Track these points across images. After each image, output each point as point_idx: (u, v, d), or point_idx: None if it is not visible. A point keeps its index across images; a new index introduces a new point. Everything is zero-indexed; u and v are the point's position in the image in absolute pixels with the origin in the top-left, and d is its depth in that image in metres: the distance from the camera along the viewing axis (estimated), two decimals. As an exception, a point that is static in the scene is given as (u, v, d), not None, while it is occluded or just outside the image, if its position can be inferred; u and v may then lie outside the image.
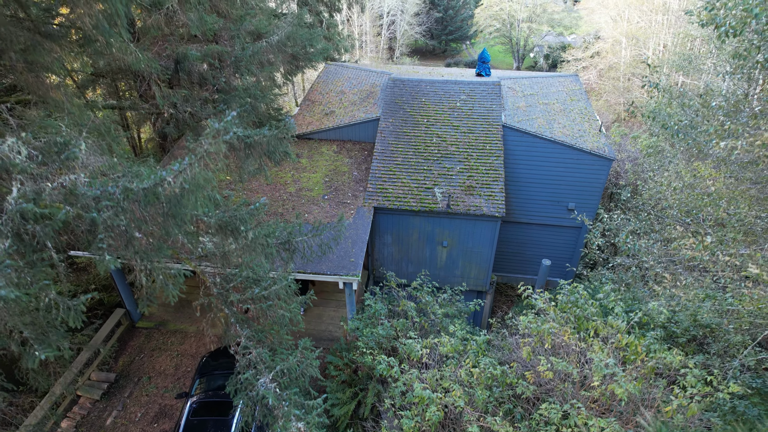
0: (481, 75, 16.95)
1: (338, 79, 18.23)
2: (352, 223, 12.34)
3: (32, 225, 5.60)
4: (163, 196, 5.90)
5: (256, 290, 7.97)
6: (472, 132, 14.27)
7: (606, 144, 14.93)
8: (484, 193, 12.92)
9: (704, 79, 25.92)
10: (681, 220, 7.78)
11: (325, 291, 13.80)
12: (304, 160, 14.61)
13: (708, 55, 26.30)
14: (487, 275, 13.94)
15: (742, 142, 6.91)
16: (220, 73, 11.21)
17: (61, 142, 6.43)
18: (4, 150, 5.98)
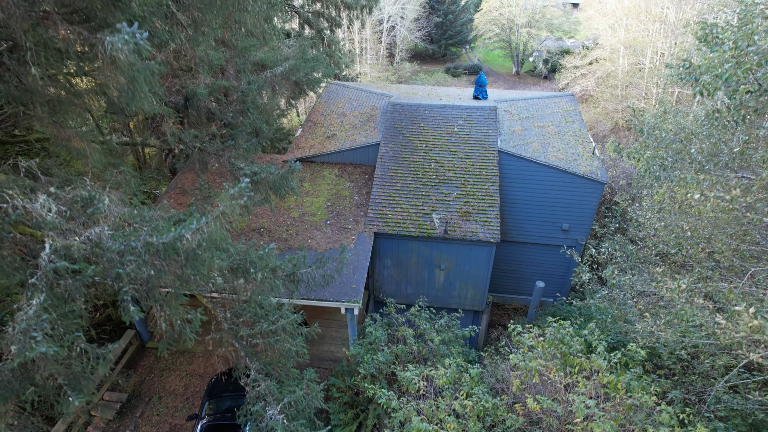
0: (478, 98, 17.48)
1: (339, 100, 18.76)
2: (354, 249, 12.89)
3: (64, 280, 6.13)
4: (182, 251, 6.43)
5: (264, 325, 8.52)
6: (468, 157, 14.81)
7: (598, 167, 15.47)
8: (480, 219, 13.46)
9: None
10: (659, 261, 8.33)
11: (328, 312, 14.35)
12: (307, 184, 15.15)
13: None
14: (483, 296, 14.48)
15: (715, 193, 7.46)
16: (227, 108, 11.75)
17: (87, 196, 6.95)
18: (36, 208, 6.51)
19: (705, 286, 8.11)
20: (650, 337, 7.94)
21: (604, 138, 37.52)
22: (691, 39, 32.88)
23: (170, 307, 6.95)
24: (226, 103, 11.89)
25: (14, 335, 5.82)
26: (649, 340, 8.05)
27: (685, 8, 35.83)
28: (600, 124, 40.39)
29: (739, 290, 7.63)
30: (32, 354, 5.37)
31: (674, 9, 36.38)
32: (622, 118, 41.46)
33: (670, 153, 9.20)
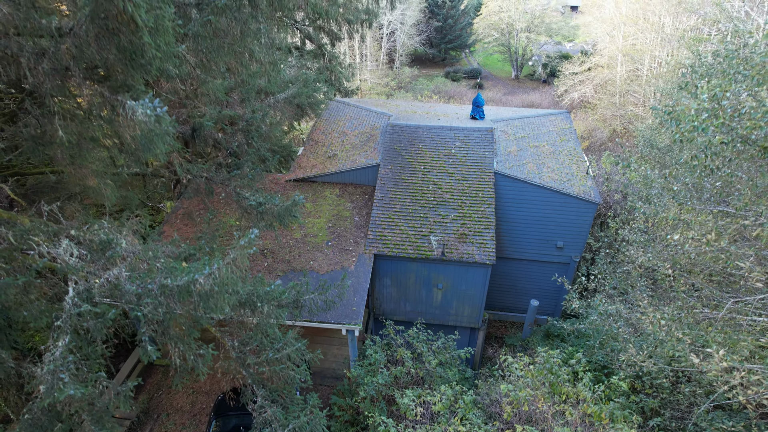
0: (476, 118, 17.95)
1: (340, 118, 19.24)
2: (354, 270, 13.38)
3: (87, 322, 6.63)
4: (195, 293, 6.93)
5: (270, 354, 9.02)
6: (465, 179, 15.30)
7: (592, 187, 15.96)
8: (477, 241, 13.95)
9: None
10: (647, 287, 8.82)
11: (330, 331, 14.83)
12: (309, 205, 15.64)
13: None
14: (479, 314, 14.98)
15: (694, 234, 7.95)
16: (232, 138, 12.24)
17: (105, 240, 7.44)
18: (60, 253, 7.01)
19: (687, 316, 8.61)
20: (634, 367, 8.43)
21: (601, 147, 37.96)
22: (686, 52, 33.23)
23: (184, 343, 7.45)
24: (231, 133, 12.38)
25: (43, 375, 6.33)
26: (633, 369, 8.54)
27: (681, 18, 36.21)
28: (598, 131, 40.76)
29: (719, 320, 8.13)
30: (61, 396, 5.86)
31: (671, 19, 36.82)
32: (620, 124, 41.86)
33: (655, 188, 9.68)
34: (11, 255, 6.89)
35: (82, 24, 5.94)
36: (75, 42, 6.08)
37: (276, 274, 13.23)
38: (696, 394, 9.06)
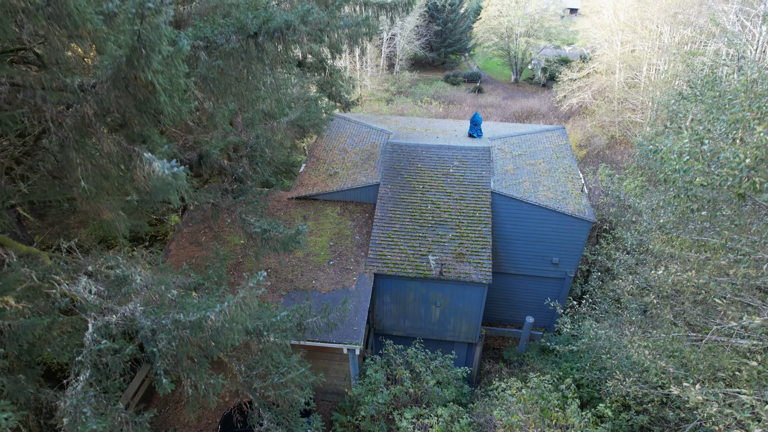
0: (473, 136, 18.40)
1: (341, 135, 19.69)
2: (355, 290, 13.85)
3: (106, 357, 7.10)
4: (207, 328, 7.40)
5: (276, 378, 9.49)
6: (463, 198, 15.76)
7: (586, 205, 16.41)
8: (473, 261, 14.42)
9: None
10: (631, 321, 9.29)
11: (331, 348, 15.30)
12: (311, 223, 16.10)
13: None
14: (476, 330, 15.45)
15: (676, 268, 8.41)
16: (237, 164, 12.69)
17: (121, 276, 7.90)
18: (80, 291, 7.48)
19: (671, 343, 9.07)
20: (621, 392, 8.90)
21: (599, 155, 38.36)
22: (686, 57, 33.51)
23: (196, 374, 7.92)
24: (236, 159, 12.83)
25: (66, 408, 6.80)
26: (620, 395, 9.01)
27: (679, 28, 36.53)
28: (596, 139, 41.11)
29: (703, 345, 8.59)
30: (85, 430, 6.33)
31: (668, 28, 37.21)
32: (618, 131, 42.21)
33: (644, 219, 10.13)
34: (35, 293, 7.34)
35: (104, 84, 6.39)
36: (96, 100, 6.54)
37: (279, 294, 13.70)
38: (680, 417, 9.53)
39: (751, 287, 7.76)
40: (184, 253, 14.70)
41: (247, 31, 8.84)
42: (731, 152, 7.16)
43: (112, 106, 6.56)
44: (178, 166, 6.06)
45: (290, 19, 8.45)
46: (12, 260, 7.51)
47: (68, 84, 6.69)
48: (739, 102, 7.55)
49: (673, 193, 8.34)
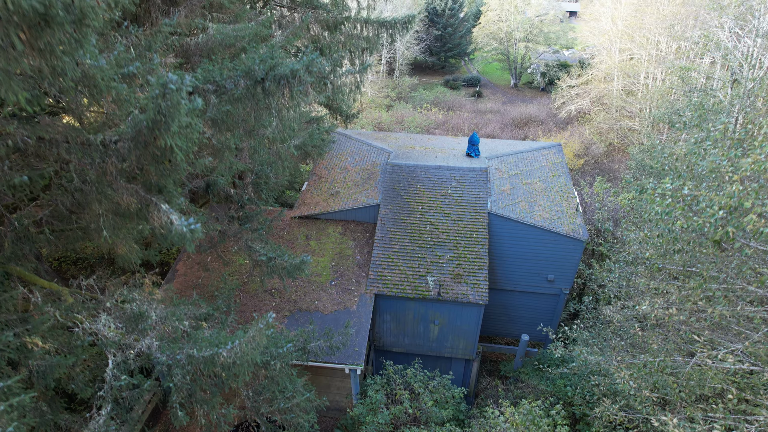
0: (471, 156, 18.91)
1: (342, 153, 20.21)
2: (356, 311, 14.38)
3: (125, 392, 7.64)
4: (219, 364, 7.93)
5: (282, 403, 10.03)
6: (461, 219, 16.28)
7: (581, 225, 16.93)
8: (471, 281, 14.95)
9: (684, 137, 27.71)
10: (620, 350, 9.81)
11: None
12: (313, 242, 16.63)
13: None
14: (473, 347, 15.98)
15: (660, 301, 8.94)
16: (243, 191, 13.22)
17: (137, 312, 8.43)
18: (100, 329, 8.01)
19: (656, 370, 9.60)
20: (608, 417, 9.44)
21: (597, 163, 38.81)
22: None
23: (209, 405, 8.46)
24: (241, 187, 13.35)
25: (88, 442, 7.33)
26: (608, 420, 9.54)
27: (675, 34, 36.81)
28: (593, 147, 41.49)
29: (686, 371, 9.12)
30: (107, 464, 6.87)
31: (665, 38, 37.69)
32: (616, 137, 42.65)
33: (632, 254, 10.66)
34: (59, 332, 7.88)
35: (125, 143, 6.92)
36: (118, 157, 7.06)
37: (284, 315, 14.23)
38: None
39: (729, 323, 8.28)
40: (192, 274, 15.24)
41: (255, 77, 9.35)
42: (707, 200, 7.67)
43: (133, 162, 7.09)
44: (196, 224, 6.58)
45: (296, 68, 8.96)
46: (37, 299, 8.04)
47: (92, 141, 7.21)
48: (716, 152, 8.07)
49: (657, 231, 8.86)
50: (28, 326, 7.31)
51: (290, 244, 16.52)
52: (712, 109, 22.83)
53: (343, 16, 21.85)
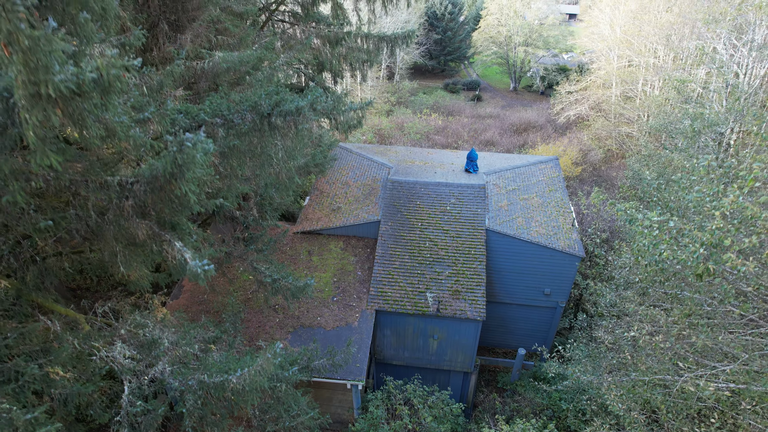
0: (469, 172, 19.36)
1: (343, 167, 20.66)
2: (357, 327, 14.84)
3: (141, 417, 8.09)
4: (229, 389, 8.38)
5: (287, 422, 10.48)
6: (459, 236, 16.73)
7: (576, 240, 17.38)
8: (469, 298, 15.40)
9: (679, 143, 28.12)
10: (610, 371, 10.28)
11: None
12: (315, 258, 17.08)
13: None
14: (471, 360, 16.44)
15: (648, 327, 9.39)
16: (248, 213, 13.67)
17: (151, 339, 8.89)
18: (116, 356, 8.46)
19: (645, 391, 10.06)
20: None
21: (595, 170, 39.18)
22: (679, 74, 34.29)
23: (219, 427, 8.91)
24: (247, 208, 13.80)
25: (107, 466, 7.78)
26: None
27: (672, 45, 37.24)
28: (591, 153, 41.80)
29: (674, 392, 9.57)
30: (126, 488, 7.32)
31: (663, 47, 38.09)
32: (614, 143, 42.98)
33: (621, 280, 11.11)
34: (78, 359, 8.33)
35: (141, 185, 7.36)
36: (134, 198, 7.51)
37: (287, 330, 14.68)
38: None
39: (713, 351, 8.73)
40: (197, 290, 15.69)
41: (261, 112, 9.80)
42: (690, 236, 8.12)
43: (148, 203, 7.54)
44: (209, 264, 7.03)
45: (301, 105, 9.40)
46: (56, 328, 8.50)
47: (109, 182, 7.66)
48: (699, 188, 8.51)
49: (645, 261, 9.30)
50: (50, 357, 7.77)
51: (293, 260, 16.98)
52: (707, 121, 23.30)
53: (344, 31, 22.31)
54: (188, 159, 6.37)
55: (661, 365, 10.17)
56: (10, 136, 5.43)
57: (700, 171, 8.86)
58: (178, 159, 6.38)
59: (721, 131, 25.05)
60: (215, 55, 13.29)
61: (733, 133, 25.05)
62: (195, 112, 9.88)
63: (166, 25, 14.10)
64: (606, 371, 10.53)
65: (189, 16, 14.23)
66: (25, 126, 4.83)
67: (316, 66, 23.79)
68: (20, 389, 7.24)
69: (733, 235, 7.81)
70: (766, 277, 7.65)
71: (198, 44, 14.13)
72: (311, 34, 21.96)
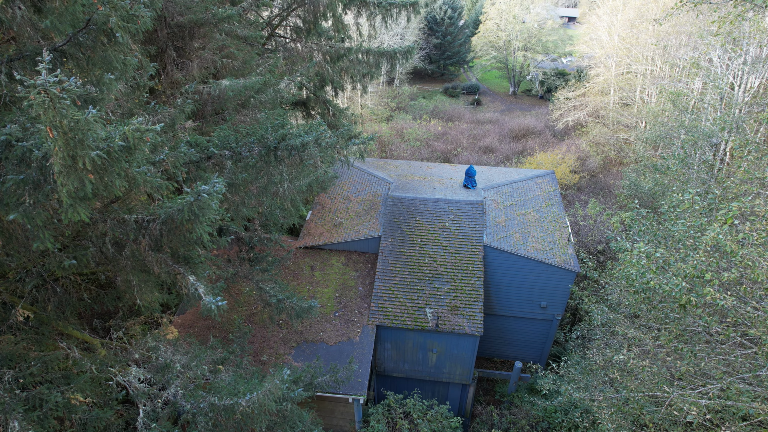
0: (468, 187, 19.85)
1: (344, 182, 21.14)
2: (359, 342, 15.33)
3: (155, 441, 8.58)
4: (238, 412, 8.89)
5: (292, 440, 10.97)
6: (458, 252, 17.23)
7: (572, 255, 17.87)
8: (467, 313, 15.90)
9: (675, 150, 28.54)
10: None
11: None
12: (318, 273, 17.58)
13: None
14: (470, 372, 16.94)
15: (636, 350, 9.89)
16: (253, 234, 14.17)
17: (164, 364, 9.38)
18: (131, 380, 8.96)
19: (634, 409, 10.55)
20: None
21: (593, 178, 39.60)
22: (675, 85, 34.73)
23: (228, 449, 9.40)
24: (251, 229, 14.30)
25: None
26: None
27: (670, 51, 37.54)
28: (589, 161, 42.16)
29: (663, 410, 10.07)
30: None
31: (659, 56, 38.55)
32: (612, 149, 43.36)
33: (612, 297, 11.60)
34: (94, 384, 8.82)
35: (157, 225, 7.86)
36: (150, 236, 8.00)
37: (290, 346, 15.18)
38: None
39: (697, 375, 9.22)
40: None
41: (268, 145, 10.29)
42: (675, 268, 8.61)
43: (163, 241, 8.03)
44: (222, 300, 7.53)
45: (306, 141, 9.89)
46: (75, 354, 8.99)
47: (127, 220, 8.16)
48: (683, 222, 9.01)
49: (633, 288, 9.79)
50: (70, 383, 8.26)
51: (296, 275, 17.47)
52: (702, 132, 23.77)
53: (346, 47, 22.79)
54: (204, 206, 6.86)
55: (649, 388, 10.67)
56: (44, 191, 5.92)
57: (685, 204, 9.34)
58: (194, 208, 6.87)
59: (716, 143, 25.55)
60: (222, 83, 13.79)
61: (728, 145, 25.51)
62: (204, 145, 10.36)
63: (174, 51, 14.59)
64: (597, 389, 11.02)
65: (195, 43, 14.72)
66: (60, 189, 5.32)
67: (318, 81, 24.30)
68: (44, 416, 7.73)
69: (714, 269, 8.31)
70: (744, 310, 8.14)
71: (204, 68, 14.62)
72: (313, 50, 22.48)
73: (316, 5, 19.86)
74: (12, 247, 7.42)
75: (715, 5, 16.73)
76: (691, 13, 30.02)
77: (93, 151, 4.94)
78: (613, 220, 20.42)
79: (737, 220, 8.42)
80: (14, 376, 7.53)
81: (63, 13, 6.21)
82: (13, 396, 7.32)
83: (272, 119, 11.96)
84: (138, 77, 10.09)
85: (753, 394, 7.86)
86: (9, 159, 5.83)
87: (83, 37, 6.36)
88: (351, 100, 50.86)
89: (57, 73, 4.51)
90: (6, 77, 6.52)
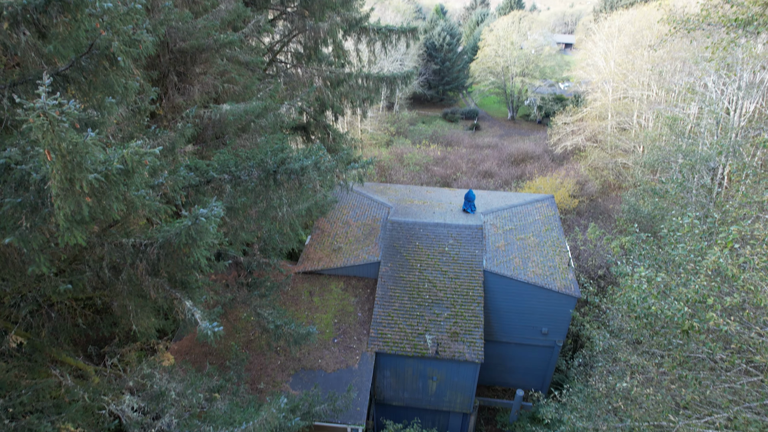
0: (467, 212, 19.84)
1: (343, 207, 21.14)
2: (358, 369, 15.07)
3: (147, 472, 8.32)
4: (233, 442, 8.63)
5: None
6: (458, 277, 17.10)
7: (572, 280, 17.73)
8: (467, 340, 15.68)
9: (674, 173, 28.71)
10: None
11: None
12: (317, 299, 17.41)
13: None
14: (470, 401, 16.61)
15: (640, 378, 9.70)
16: (252, 259, 14.09)
17: (158, 392, 9.18)
18: (124, 409, 8.75)
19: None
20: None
21: (592, 202, 39.67)
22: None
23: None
24: (250, 254, 14.22)
25: None
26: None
27: (665, 77, 38.03)
28: (588, 185, 42.28)
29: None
30: None
31: (655, 82, 39.09)
32: (611, 173, 43.52)
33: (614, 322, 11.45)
34: (87, 413, 8.61)
35: (154, 249, 7.80)
36: (147, 260, 7.93)
37: (288, 373, 14.91)
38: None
39: (702, 404, 9.02)
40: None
41: (267, 169, 10.30)
42: (676, 293, 8.52)
43: (161, 265, 7.96)
44: (219, 326, 7.42)
45: (305, 165, 9.92)
46: (67, 382, 8.81)
47: (125, 243, 8.10)
48: (683, 246, 8.95)
49: (635, 314, 9.67)
50: (61, 412, 8.07)
51: (294, 301, 17.29)
52: (699, 156, 23.90)
53: (346, 73, 23.09)
54: (201, 229, 6.82)
55: (654, 417, 10.43)
56: (42, 215, 5.89)
57: (685, 228, 9.31)
58: (192, 231, 6.83)
59: (714, 167, 25.67)
60: (222, 107, 13.91)
61: (726, 168, 25.65)
62: (204, 169, 10.37)
63: (176, 76, 14.76)
64: (601, 418, 10.78)
65: (197, 68, 14.92)
66: (57, 212, 5.29)
67: (319, 106, 24.56)
68: (34, 446, 7.52)
69: (716, 293, 8.22)
70: (748, 336, 8.02)
71: (205, 92, 14.77)
72: (314, 75, 22.77)
73: (317, 31, 20.21)
74: (7, 272, 7.35)
75: (708, 32, 17.05)
76: (684, 39, 30.61)
77: (91, 174, 4.93)
78: (613, 244, 20.45)
79: (737, 244, 8.37)
80: (3, 405, 7.35)
81: (66, 38, 6.28)
82: (2, 426, 7.13)
83: (272, 143, 12.04)
84: (139, 101, 10.18)
85: (762, 424, 7.67)
86: (8, 182, 5.82)
87: (86, 62, 6.43)
88: (351, 124, 51.34)
89: (56, 96, 4.54)
90: (8, 101, 6.57)
